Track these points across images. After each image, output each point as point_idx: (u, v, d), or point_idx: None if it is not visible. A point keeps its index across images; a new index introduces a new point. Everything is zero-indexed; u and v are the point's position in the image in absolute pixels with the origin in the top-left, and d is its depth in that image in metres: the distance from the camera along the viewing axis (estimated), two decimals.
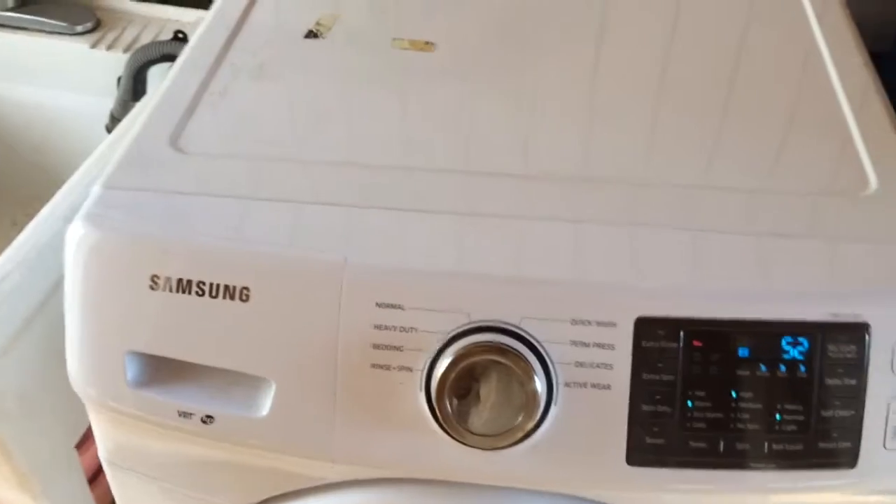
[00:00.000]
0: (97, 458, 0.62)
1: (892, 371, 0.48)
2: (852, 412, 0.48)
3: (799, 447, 0.49)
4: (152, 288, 0.50)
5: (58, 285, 0.55)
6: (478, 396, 0.49)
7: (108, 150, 0.75)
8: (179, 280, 0.50)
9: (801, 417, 0.48)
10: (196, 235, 0.51)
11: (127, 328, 0.51)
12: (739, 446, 0.49)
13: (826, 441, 0.49)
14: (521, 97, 0.64)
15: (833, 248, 0.51)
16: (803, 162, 0.58)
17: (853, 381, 0.48)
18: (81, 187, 0.72)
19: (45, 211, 0.71)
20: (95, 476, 1.05)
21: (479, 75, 0.66)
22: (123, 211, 0.52)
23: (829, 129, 0.60)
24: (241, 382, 0.51)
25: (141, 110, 0.65)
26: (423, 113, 0.62)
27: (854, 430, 0.48)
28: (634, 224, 0.52)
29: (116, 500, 0.63)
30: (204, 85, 0.63)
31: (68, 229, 0.52)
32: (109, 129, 0.99)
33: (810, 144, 0.59)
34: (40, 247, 0.69)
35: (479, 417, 0.48)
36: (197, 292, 0.50)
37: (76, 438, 0.90)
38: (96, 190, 0.54)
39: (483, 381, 0.49)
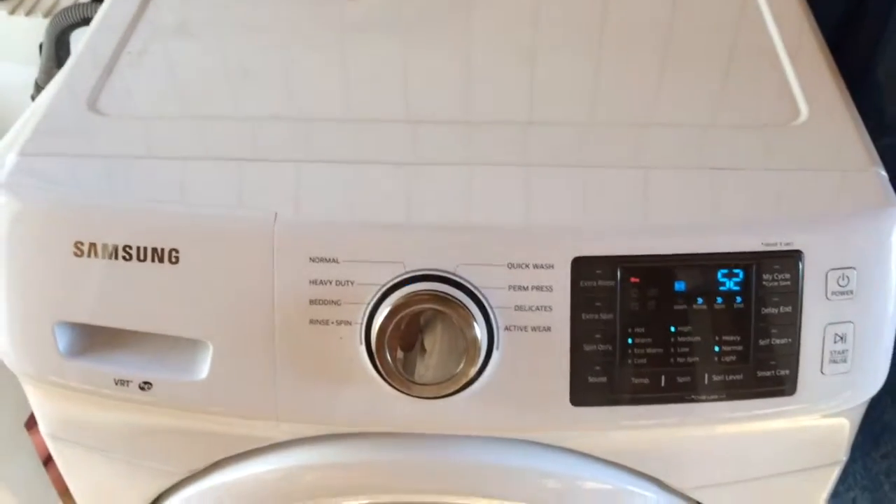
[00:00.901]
0: None
1: (827, 297, 0.49)
2: (789, 340, 0.49)
3: (739, 377, 0.49)
4: (77, 255, 0.48)
5: None
6: (423, 348, 0.48)
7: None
8: (105, 245, 0.48)
9: (739, 348, 0.49)
10: (119, 199, 0.49)
11: (54, 298, 0.50)
12: (681, 380, 0.49)
13: (765, 369, 0.49)
14: (453, 44, 0.63)
15: (765, 179, 0.51)
16: (735, 96, 0.58)
17: (788, 309, 0.48)
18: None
19: None
20: (51, 457, 1.04)
21: (409, 23, 0.65)
22: (42, 178, 0.51)
23: (762, 61, 0.60)
24: (177, 346, 0.50)
25: None
26: (352, 64, 0.61)
27: (792, 357, 0.49)
28: (566, 165, 0.52)
29: (63, 474, 0.62)
30: (122, 45, 0.61)
31: None
32: (35, 99, 0.95)
33: (743, 79, 0.59)
34: None
35: (425, 367, 0.48)
36: (124, 257, 0.48)
37: (25, 416, 0.88)
38: (12, 158, 0.51)
39: (427, 331, 0.48)
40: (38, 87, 0.95)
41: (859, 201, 0.49)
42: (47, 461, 1.01)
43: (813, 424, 0.53)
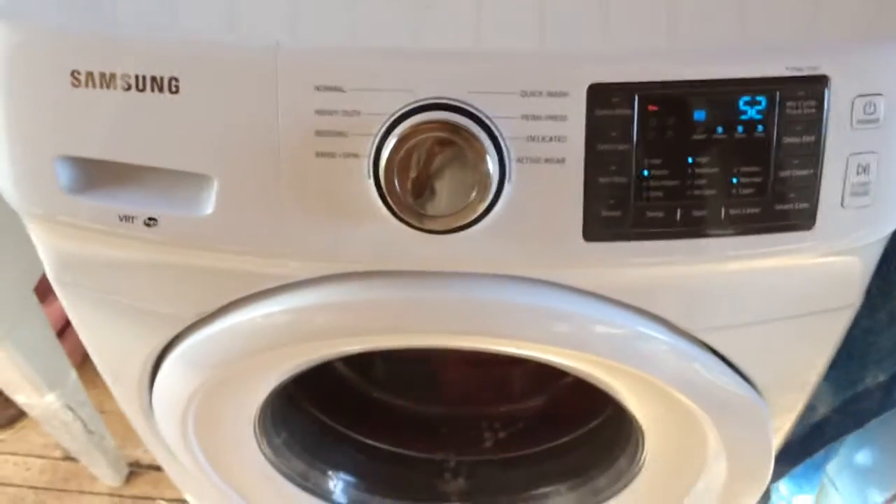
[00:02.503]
0: (62, 310, 0.60)
1: (852, 126, 0.47)
2: (810, 171, 0.47)
3: (756, 210, 0.48)
4: (74, 85, 0.47)
5: None
6: (433, 191, 0.47)
7: None
8: (102, 74, 0.46)
9: (758, 179, 0.47)
10: (114, 25, 0.47)
11: (52, 131, 0.48)
12: (696, 213, 0.48)
13: (783, 202, 0.48)
14: None
15: (790, 1, 0.48)
16: None
17: (811, 139, 0.47)
18: None
19: None
20: (68, 325, 1.05)
21: None
22: (34, 5, 0.48)
23: None
24: (182, 181, 0.49)
25: None
26: None
27: (812, 189, 0.48)
28: None
29: (73, 324, 0.62)
30: None
31: None
32: None
33: None
34: None
35: (434, 203, 0.47)
36: (122, 86, 0.46)
37: (34, 281, 0.89)
38: None
39: (436, 174, 0.47)
40: None
41: (891, 26, 0.47)
42: (65, 328, 1.03)
43: (828, 261, 0.52)
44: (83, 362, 1.03)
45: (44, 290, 0.89)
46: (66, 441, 1.06)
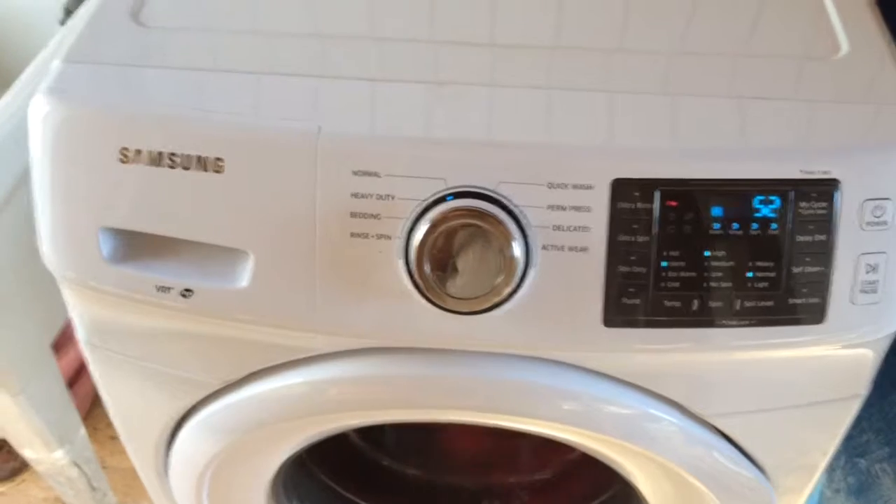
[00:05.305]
0: (75, 361, 0.61)
1: (861, 227, 0.49)
2: (821, 268, 0.49)
3: (769, 303, 0.50)
4: (123, 161, 0.49)
5: (25, 176, 0.54)
6: (455, 269, 0.49)
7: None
8: (150, 152, 0.49)
9: (772, 274, 0.49)
10: (166, 106, 0.50)
11: (99, 203, 0.50)
12: (712, 304, 0.50)
13: (795, 297, 0.50)
14: None
15: (805, 109, 0.51)
16: (776, 28, 0.58)
17: (823, 238, 0.49)
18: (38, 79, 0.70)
19: (1, 104, 0.69)
20: (74, 381, 1.06)
21: None
22: (88, 84, 0.51)
23: None
24: (219, 255, 0.51)
25: None
26: None
27: (823, 285, 0.50)
28: (610, 90, 0.52)
29: (97, 385, 0.63)
30: None
31: (30, 105, 0.50)
32: (63, 24, 0.95)
33: (783, 11, 0.59)
34: (1, 139, 0.68)
35: (458, 285, 0.49)
36: (169, 164, 0.49)
37: (51, 338, 0.90)
38: (57, 65, 0.52)
39: (461, 253, 0.49)
40: (68, 12, 0.94)
41: None
42: (71, 384, 1.03)
43: (838, 354, 0.54)
44: (85, 417, 1.04)
45: (58, 342, 0.91)
46: (69, 497, 1.06)
